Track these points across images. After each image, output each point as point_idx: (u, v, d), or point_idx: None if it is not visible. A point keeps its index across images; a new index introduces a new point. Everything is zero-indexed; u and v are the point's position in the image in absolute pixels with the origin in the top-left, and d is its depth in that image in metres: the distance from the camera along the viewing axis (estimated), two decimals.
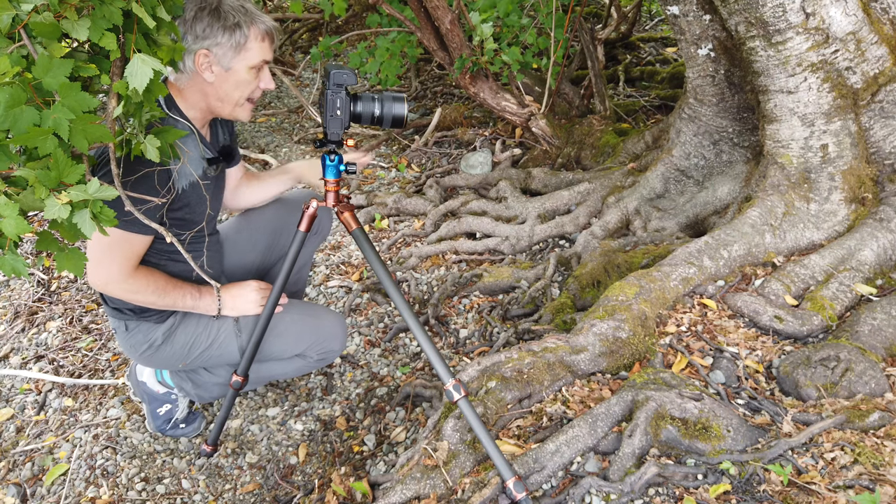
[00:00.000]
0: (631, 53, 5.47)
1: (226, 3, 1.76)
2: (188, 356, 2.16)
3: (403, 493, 1.78)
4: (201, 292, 2.07)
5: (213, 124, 2.04)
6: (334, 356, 2.34)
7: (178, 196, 1.89)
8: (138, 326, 2.10)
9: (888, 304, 2.24)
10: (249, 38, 1.78)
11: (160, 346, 2.11)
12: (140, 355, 2.15)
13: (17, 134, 1.13)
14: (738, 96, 2.97)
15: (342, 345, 2.32)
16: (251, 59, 1.81)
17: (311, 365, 2.33)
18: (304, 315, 2.27)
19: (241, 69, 1.81)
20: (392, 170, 4.41)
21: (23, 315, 3.18)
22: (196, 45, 1.76)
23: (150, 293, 1.94)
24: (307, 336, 2.24)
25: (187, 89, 1.86)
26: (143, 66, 1.20)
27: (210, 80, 1.82)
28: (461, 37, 3.62)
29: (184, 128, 1.87)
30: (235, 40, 1.77)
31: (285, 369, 2.33)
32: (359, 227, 1.90)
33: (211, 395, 2.39)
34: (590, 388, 2.08)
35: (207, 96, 1.86)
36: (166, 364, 2.21)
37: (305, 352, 2.25)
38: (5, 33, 1.14)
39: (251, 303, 2.14)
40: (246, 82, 1.85)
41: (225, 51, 1.78)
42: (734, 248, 2.54)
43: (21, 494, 2.26)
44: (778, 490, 1.63)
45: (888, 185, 2.63)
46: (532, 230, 3.31)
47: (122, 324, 2.11)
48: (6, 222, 1.11)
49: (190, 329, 2.12)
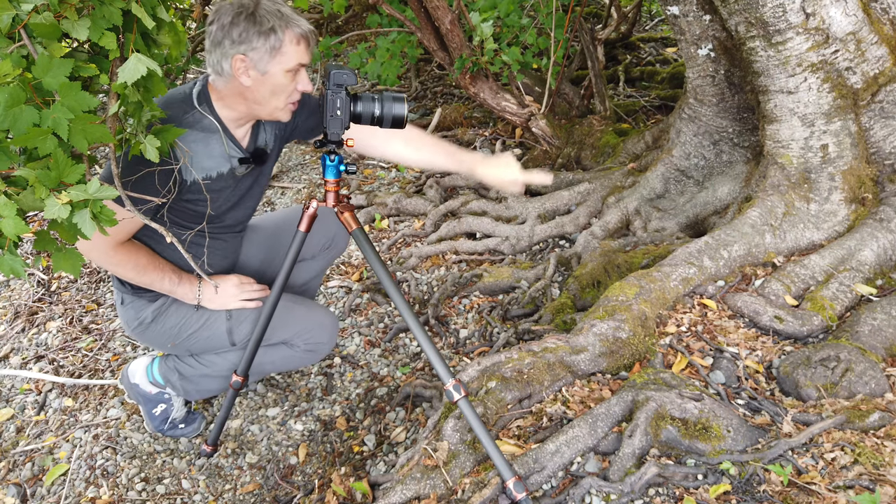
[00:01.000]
0: (631, 53, 5.47)
1: (262, 8, 1.77)
2: (177, 337, 2.19)
3: (403, 494, 1.78)
4: (181, 279, 2.10)
5: (256, 126, 2.05)
6: (324, 350, 2.33)
7: (189, 186, 1.91)
8: (132, 302, 2.15)
9: (888, 305, 2.24)
10: (284, 41, 1.78)
11: (150, 323, 2.16)
12: (132, 330, 2.21)
13: (17, 134, 1.13)
14: (738, 96, 2.97)
15: (331, 338, 2.31)
16: (287, 63, 1.81)
17: (299, 356, 2.31)
18: (294, 303, 2.28)
19: (277, 73, 1.82)
20: (392, 170, 4.41)
21: (23, 315, 3.18)
22: (233, 49, 1.77)
23: (130, 268, 1.98)
24: (295, 322, 2.24)
25: (225, 91, 1.88)
26: (137, 63, 1.20)
27: (247, 84, 1.83)
28: (461, 37, 3.62)
29: (209, 125, 1.89)
30: (271, 44, 1.77)
31: (271, 357, 2.31)
32: (359, 227, 1.90)
33: (198, 390, 2.36)
34: (590, 388, 2.08)
35: (245, 99, 1.88)
36: (156, 343, 2.24)
37: (292, 339, 2.25)
38: (5, 33, 1.14)
39: (231, 297, 2.17)
40: (282, 86, 1.85)
41: (261, 55, 1.78)
42: (734, 249, 2.54)
43: (21, 494, 2.26)
44: (778, 490, 1.63)
45: (888, 186, 2.63)
46: (532, 230, 3.31)
47: (119, 296, 2.19)
48: (5, 222, 1.11)
49: (182, 311, 2.16)
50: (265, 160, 2.11)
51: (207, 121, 1.89)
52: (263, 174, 2.17)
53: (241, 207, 2.14)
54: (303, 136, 2.26)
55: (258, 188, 2.18)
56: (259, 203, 2.29)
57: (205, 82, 1.91)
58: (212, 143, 1.92)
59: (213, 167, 1.94)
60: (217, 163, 1.95)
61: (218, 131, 1.92)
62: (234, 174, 2.00)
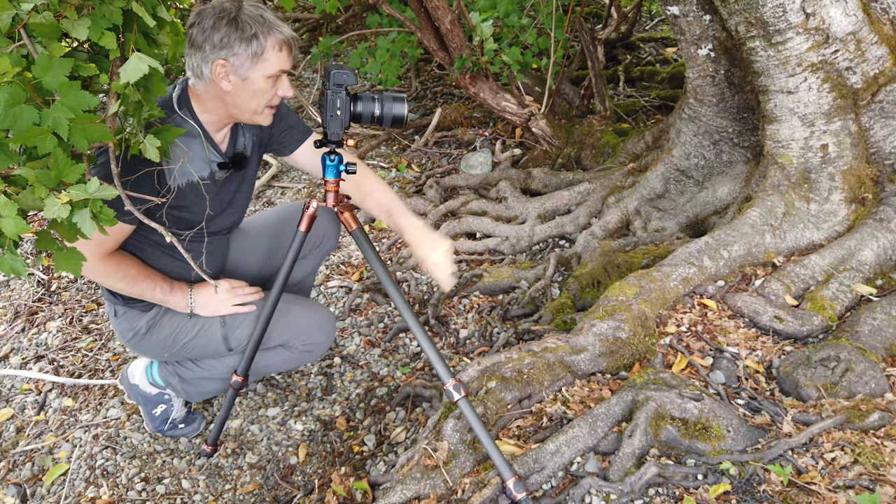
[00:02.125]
0: (631, 53, 5.47)
1: (244, 13, 1.75)
2: (173, 346, 2.18)
3: (403, 494, 1.78)
4: (172, 287, 2.08)
5: (235, 129, 2.04)
6: (321, 349, 2.32)
7: (176, 195, 1.90)
8: (125, 314, 2.14)
9: (888, 305, 2.24)
10: (266, 48, 1.77)
11: (144, 334, 2.14)
12: (128, 342, 2.19)
13: (17, 133, 1.13)
14: (738, 96, 2.97)
15: (329, 337, 2.31)
16: (268, 69, 1.80)
17: (297, 357, 2.30)
18: (290, 304, 2.26)
19: (258, 79, 1.81)
20: (392, 170, 4.41)
21: (23, 315, 3.18)
22: (214, 54, 1.76)
23: (119, 279, 1.96)
24: (291, 325, 2.23)
25: (205, 95, 1.87)
26: (139, 62, 1.20)
27: (227, 90, 1.82)
28: (461, 37, 3.62)
29: (190, 129, 1.88)
30: (252, 51, 1.76)
31: (270, 361, 2.30)
32: (359, 227, 1.90)
33: (198, 392, 2.37)
34: (590, 388, 2.08)
35: (225, 104, 1.87)
36: (152, 353, 2.23)
37: (289, 342, 2.25)
38: (5, 33, 1.14)
39: (222, 302, 2.15)
40: (263, 91, 1.84)
41: (242, 61, 1.77)
42: (734, 249, 2.54)
43: (21, 494, 2.26)
44: (778, 490, 1.63)
45: (888, 186, 2.63)
46: (532, 230, 3.31)
47: (112, 308, 2.17)
48: (6, 222, 1.11)
49: (176, 320, 2.14)
50: (245, 165, 2.08)
51: (188, 125, 1.88)
52: (246, 181, 2.14)
53: (225, 215, 2.11)
54: (280, 150, 2.22)
55: (242, 196, 2.15)
56: (245, 211, 2.26)
57: (184, 86, 1.89)
58: (193, 148, 1.90)
59: (192, 172, 1.92)
60: (198, 167, 1.93)
61: (199, 136, 1.90)
62: (215, 178, 1.99)
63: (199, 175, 1.94)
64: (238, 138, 2.06)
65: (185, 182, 1.92)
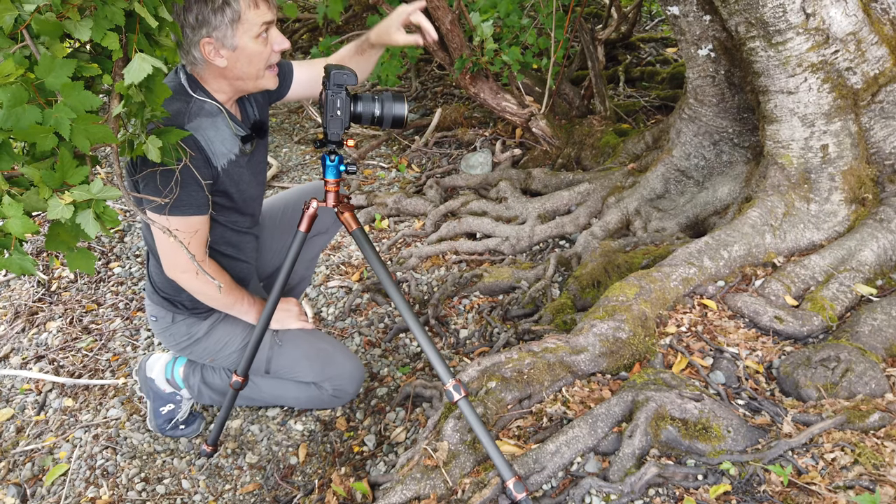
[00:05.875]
0: (631, 54, 5.47)
1: None
2: (220, 353, 2.22)
3: (403, 494, 1.79)
4: (254, 299, 2.15)
5: (241, 102, 2.03)
6: (346, 399, 2.41)
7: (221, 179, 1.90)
8: (185, 319, 2.16)
9: (888, 305, 2.24)
10: (241, 9, 1.74)
11: (201, 339, 2.19)
12: (177, 345, 2.22)
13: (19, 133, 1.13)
14: (739, 97, 2.98)
15: (356, 389, 2.38)
16: (252, 30, 1.77)
17: (324, 399, 2.36)
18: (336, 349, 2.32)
19: (246, 43, 1.78)
20: (392, 170, 4.42)
21: (23, 315, 3.18)
22: (195, 35, 1.74)
23: (213, 287, 1.97)
24: (333, 367, 2.28)
25: (207, 76, 1.86)
26: (142, 63, 1.20)
27: (223, 65, 1.80)
28: (461, 37, 3.62)
29: (211, 108, 1.87)
30: (229, 18, 1.73)
31: (298, 394, 2.37)
32: (359, 227, 1.90)
33: (210, 398, 2.42)
34: (590, 388, 2.08)
35: (228, 79, 1.86)
36: (197, 356, 2.28)
37: (322, 382, 2.30)
38: (8, 33, 1.14)
39: (294, 316, 2.24)
40: (257, 53, 1.81)
41: (224, 32, 1.74)
42: (734, 249, 2.54)
43: (21, 494, 2.26)
44: (778, 490, 1.64)
45: (888, 186, 2.63)
46: (532, 230, 3.31)
47: (168, 314, 2.16)
48: (12, 222, 1.11)
49: (228, 328, 2.19)
50: (266, 130, 2.08)
51: (209, 105, 1.87)
52: (261, 148, 2.12)
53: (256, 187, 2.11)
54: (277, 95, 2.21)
55: (262, 166, 2.15)
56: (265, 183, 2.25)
57: (186, 71, 1.87)
58: (220, 126, 1.89)
59: (227, 151, 1.91)
60: (229, 146, 1.92)
61: (221, 112, 1.89)
62: (244, 153, 1.98)
63: (233, 152, 1.93)
64: (246, 108, 2.06)
65: (227, 162, 1.91)
